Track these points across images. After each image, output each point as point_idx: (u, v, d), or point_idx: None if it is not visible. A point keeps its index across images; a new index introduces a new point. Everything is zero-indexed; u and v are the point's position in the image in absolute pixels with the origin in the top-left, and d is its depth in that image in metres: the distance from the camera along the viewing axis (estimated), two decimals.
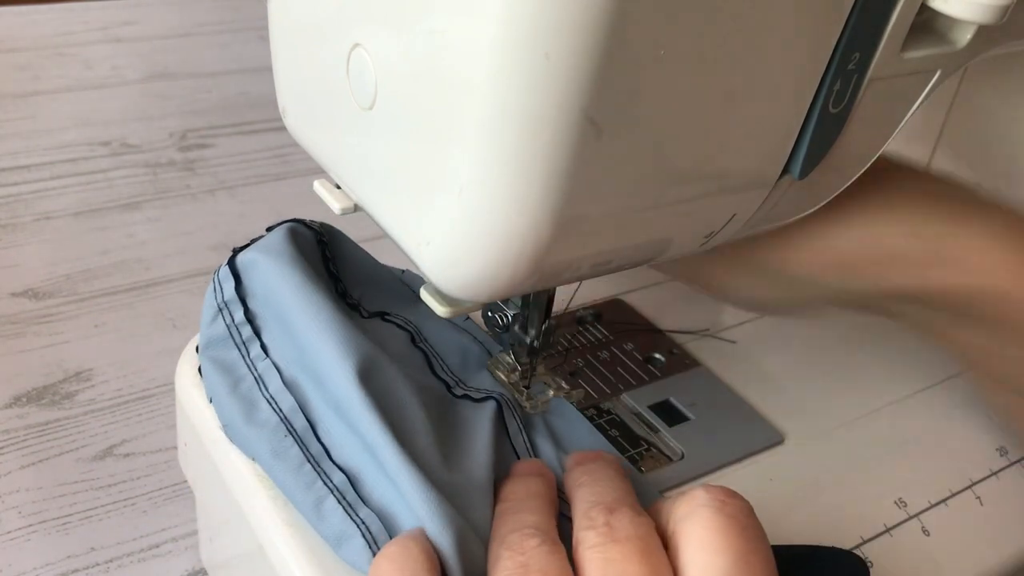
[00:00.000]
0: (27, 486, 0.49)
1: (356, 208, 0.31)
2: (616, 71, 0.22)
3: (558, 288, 0.36)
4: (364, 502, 0.30)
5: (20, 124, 0.80)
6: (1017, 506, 0.38)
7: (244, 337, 0.34)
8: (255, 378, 0.34)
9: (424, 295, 0.31)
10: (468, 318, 0.39)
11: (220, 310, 0.35)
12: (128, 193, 0.73)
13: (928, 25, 0.28)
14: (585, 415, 0.38)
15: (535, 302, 0.35)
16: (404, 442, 0.30)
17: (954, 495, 0.38)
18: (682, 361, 0.42)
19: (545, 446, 0.35)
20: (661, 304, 0.46)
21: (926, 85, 0.29)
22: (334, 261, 0.37)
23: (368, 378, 0.32)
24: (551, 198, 0.24)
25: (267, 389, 0.33)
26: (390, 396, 0.32)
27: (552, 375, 0.38)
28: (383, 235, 0.30)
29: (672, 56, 0.23)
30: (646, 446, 0.37)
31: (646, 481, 0.35)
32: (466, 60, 0.22)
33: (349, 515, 0.30)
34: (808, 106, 0.26)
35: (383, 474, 0.30)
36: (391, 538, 0.29)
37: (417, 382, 0.34)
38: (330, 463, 0.31)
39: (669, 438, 0.38)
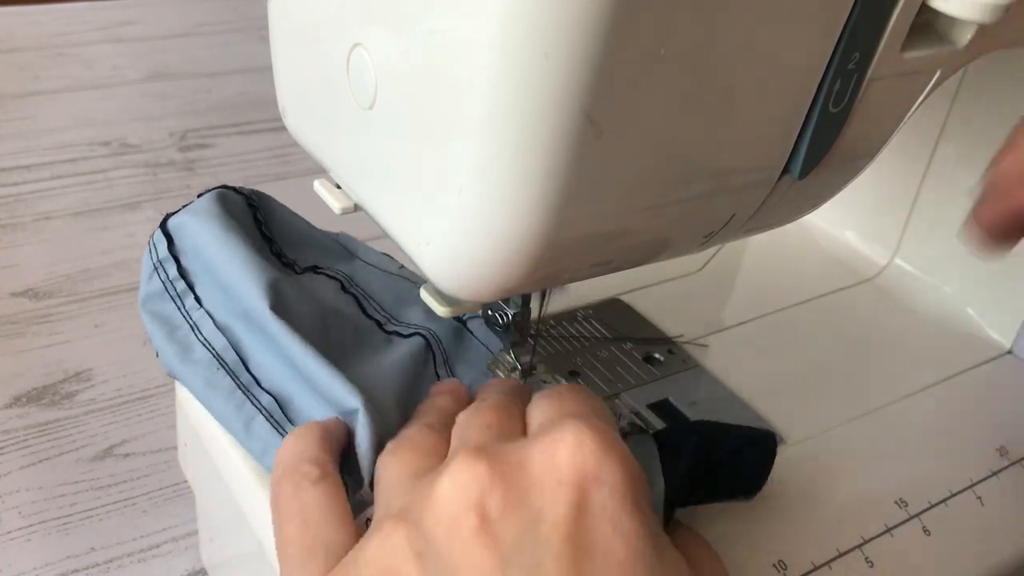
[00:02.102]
0: (27, 486, 0.49)
1: (356, 208, 0.31)
2: (616, 71, 0.22)
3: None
4: (291, 421, 0.33)
5: (20, 124, 0.80)
6: (1017, 506, 0.38)
7: (179, 290, 0.37)
8: (190, 326, 0.36)
9: (424, 295, 0.31)
10: (402, 266, 0.41)
11: (155, 268, 0.37)
12: (128, 193, 0.73)
13: (928, 25, 0.28)
14: None
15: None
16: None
17: (954, 495, 0.38)
18: (681, 361, 0.42)
19: (469, 373, 0.37)
20: (661, 304, 0.46)
21: (926, 85, 0.29)
22: (267, 224, 0.39)
23: (278, 300, 0.35)
24: (551, 198, 0.24)
25: (201, 333, 0.36)
26: (306, 316, 0.35)
27: (552, 374, 0.38)
28: (383, 235, 0.30)
29: (672, 56, 0.23)
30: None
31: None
32: (466, 60, 0.22)
33: (276, 430, 0.33)
34: (808, 106, 0.26)
35: (313, 397, 0.33)
36: None
37: (329, 306, 0.37)
38: (259, 389, 0.34)
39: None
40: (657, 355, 0.42)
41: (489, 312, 0.36)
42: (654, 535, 0.24)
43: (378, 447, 0.31)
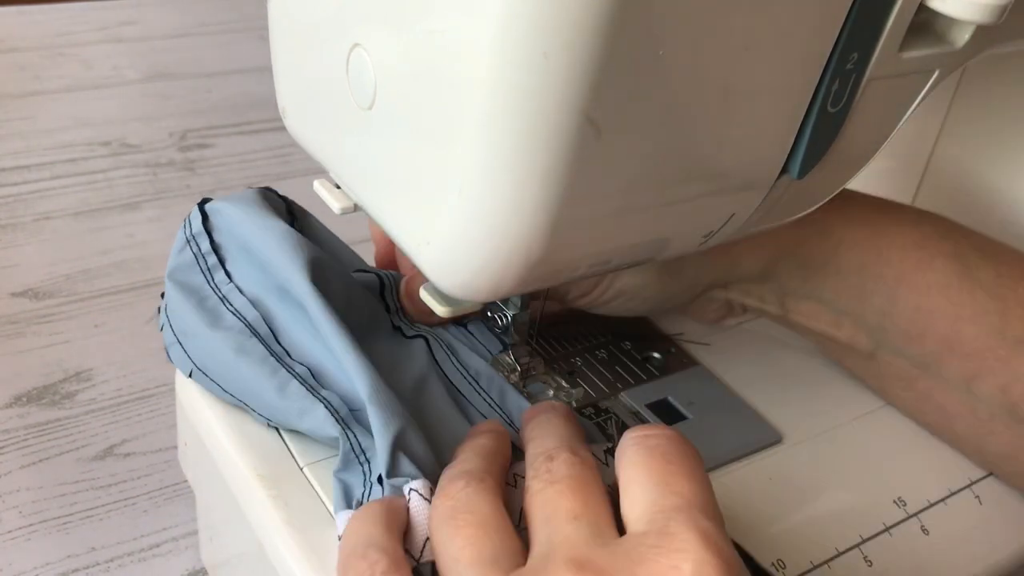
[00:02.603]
0: (27, 486, 0.49)
1: (356, 208, 0.31)
2: (615, 71, 0.22)
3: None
4: (324, 387, 0.33)
5: (20, 124, 0.80)
6: (1016, 506, 0.38)
7: (209, 264, 0.37)
8: (220, 298, 0.36)
9: (424, 295, 0.31)
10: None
11: (188, 241, 0.37)
12: (128, 193, 0.73)
13: (926, 25, 0.28)
14: (584, 414, 0.38)
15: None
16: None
17: (953, 494, 0.38)
18: (680, 360, 0.42)
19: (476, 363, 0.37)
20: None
21: (924, 85, 0.29)
22: (303, 231, 0.39)
23: (316, 273, 0.34)
24: (550, 198, 0.24)
25: (232, 305, 0.36)
26: (337, 295, 0.35)
27: (551, 374, 0.38)
28: None
29: (671, 56, 0.23)
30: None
31: None
32: (466, 60, 0.22)
33: (312, 393, 0.33)
34: (806, 106, 0.27)
35: (343, 374, 0.33)
36: (351, 412, 0.32)
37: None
38: (291, 360, 0.34)
39: None
40: (657, 355, 0.42)
41: (489, 313, 0.37)
42: None
43: (394, 442, 0.30)
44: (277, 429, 0.35)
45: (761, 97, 0.25)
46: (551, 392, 0.37)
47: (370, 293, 0.38)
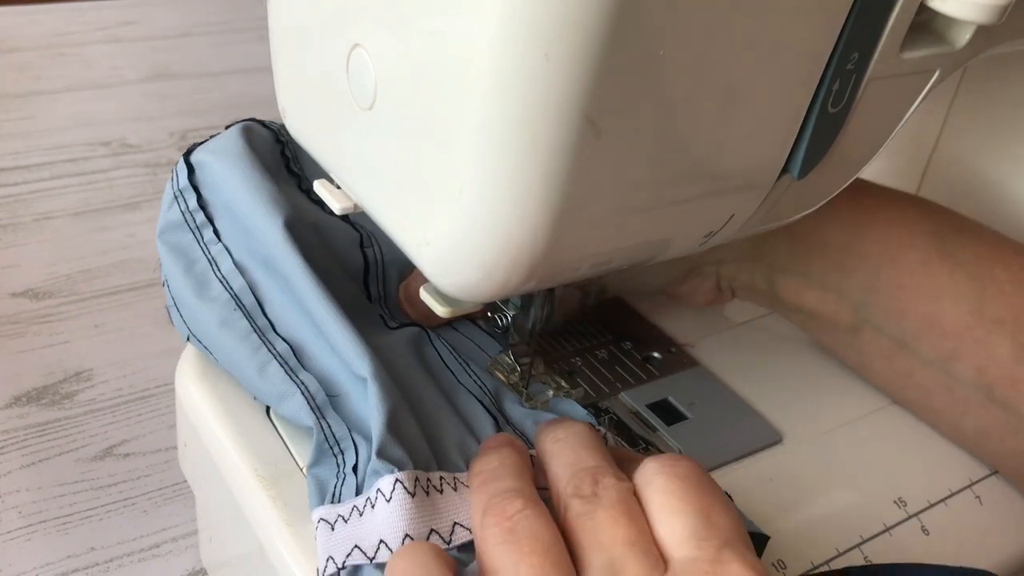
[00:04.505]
0: (27, 486, 0.49)
1: (356, 208, 0.31)
2: (615, 71, 0.22)
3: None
4: (305, 368, 0.33)
5: (20, 124, 0.80)
6: (1017, 506, 0.38)
7: (198, 222, 0.36)
8: (208, 260, 0.36)
9: (424, 295, 0.31)
10: None
11: (176, 197, 0.37)
12: (128, 193, 0.73)
13: (927, 25, 0.28)
14: (587, 411, 0.38)
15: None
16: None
17: (954, 495, 0.38)
18: (680, 360, 0.42)
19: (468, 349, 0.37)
20: (661, 304, 0.46)
21: (925, 85, 0.29)
22: (296, 160, 0.38)
23: (298, 234, 0.34)
24: (551, 198, 0.24)
25: (219, 270, 0.35)
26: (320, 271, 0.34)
27: (551, 375, 0.38)
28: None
29: (671, 56, 0.23)
30: (644, 445, 0.37)
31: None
32: (465, 60, 0.22)
33: (290, 377, 0.33)
34: (807, 106, 0.27)
35: (326, 345, 0.33)
36: (328, 399, 0.32)
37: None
38: (275, 335, 0.34)
39: (667, 437, 0.38)
40: (657, 355, 0.42)
41: (489, 313, 0.36)
42: None
43: (390, 421, 0.30)
44: (277, 429, 0.35)
45: (761, 97, 0.25)
46: (551, 392, 0.37)
47: (352, 280, 0.37)
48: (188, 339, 0.36)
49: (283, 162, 0.38)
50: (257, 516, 0.33)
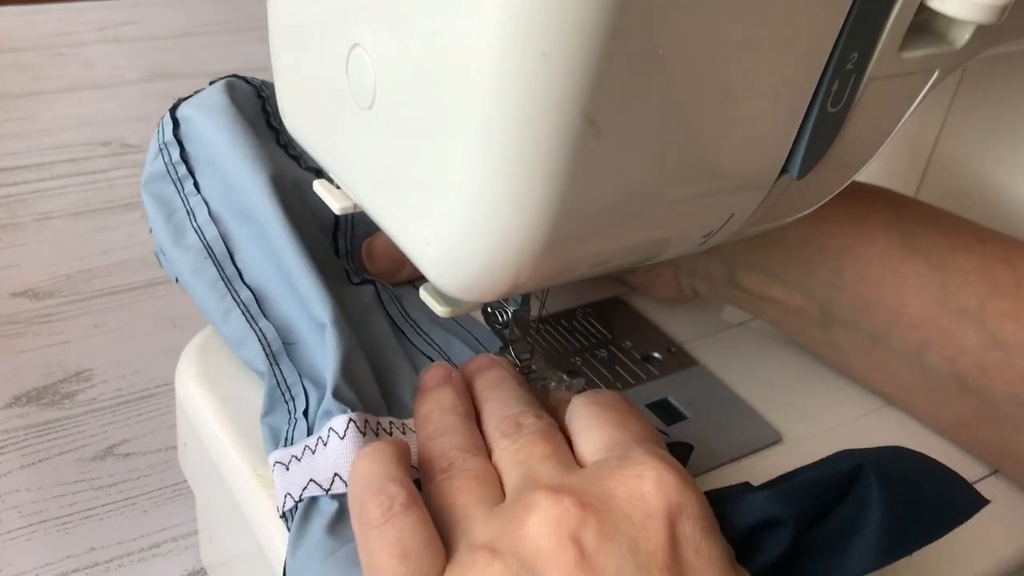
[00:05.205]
0: (27, 486, 0.49)
1: (356, 208, 0.31)
2: (614, 71, 0.22)
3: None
4: (265, 316, 0.36)
5: (20, 124, 0.80)
6: (1017, 506, 0.38)
7: (180, 174, 0.39)
8: (187, 210, 0.38)
9: (424, 295, 0.31)
10: None
11: (160, 149, 0.39)
12: (128, 193, 0.73)
13: (926, 25, 0.28)
14: None
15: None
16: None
17: None
18: (680, 360, 0.42)
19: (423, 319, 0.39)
20: (661, 304, 0.46)
21: (924, 85, 0.29)
22: (275, 115, 0.40)
23: (276, 193, 0.37)
24: (550, 198, 0.24)
25: (196, 220, 0.38)
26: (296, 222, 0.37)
27: (552, 369, 0.38)
28: None
29: (670, 56, 0.23)
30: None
31: None
32: (465, 60, 0.22)
33: (250, 324, 0.35)
34: (806, 106, 0.27)
35: (290, 293, 0.36)
36: (284, 346, 0.35)
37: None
38: (241, 283, 0.36)
39: (667, 437, 0.38)
40: (656, 354, 0.42)
41: (489, 309, 0.36)
42: (730, 557, 0.26)
43: (344, 365, 0.33)
44: None
45: (761, 97, 0.25)
46: (552, 384, 0.37)
47: (323, 234, 0.39)
48: (177, 280, 0.38)
49: (263, 117, 0.40)
50: (257, 516, 0.33)
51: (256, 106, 0.40)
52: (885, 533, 0.27)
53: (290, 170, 0.39)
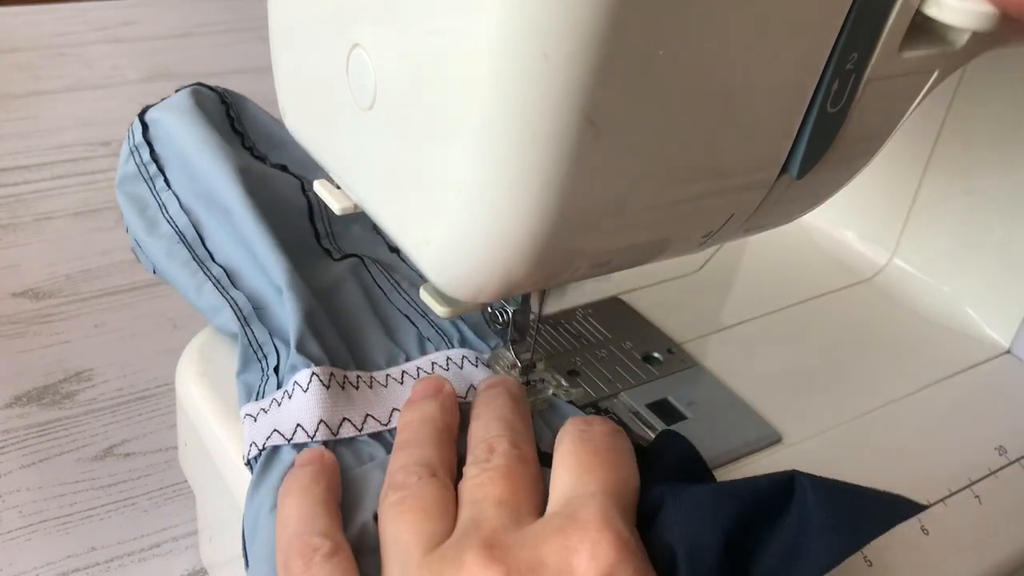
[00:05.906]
0: (27, 486, 0.49)
1: (356, 208, 0.31)
2: (614, 71, 0.22)
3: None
4: (236, 287, 0.38)
5: (20, 124, 0.80)
6: (1016, 506, 0.38)
7: (151, 173, 0.41)
8: (159, 204, 0.40)
9: (423, 295, 0.31)
10: None
11: (131, 152, 0.42)
12: None
13: (926, 25, 0.28)
14: (584, 414, 0.38)
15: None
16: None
17: (953, 494, 0.38)
18: (680, 360, 0.42)
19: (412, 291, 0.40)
20: (660, 304, 0.46)
21: (924, 85, 0.29)
22: (239, 120, 0.43)
23: (242, 180, 0.39)
24: (550, 198, 0.24)
25: (167, 212, 0.40)
26: (263, 206, 0.39)
27: (552, 373, 0.38)
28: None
29: (670, 56, 0.23)
30: (644, 445, 0.37)
31: None
32: (465, 60, 0.22)
33: (222, 294, 0.37)
34: (806, 106, 0.27)
35: (258, 269, 0.38)
36: (254, 311, 0.37)
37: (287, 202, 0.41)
38: (212, 262, 0.39)
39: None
40: (656, 354, 0.42)
41: (488, 309, 0.36)
42: None
43: (307, 322, 0.35)
44: None
45: (760, 97, 0.25)
46: (551, 390, 0.37)
47: (298, 216, 0.41)
48: (155, 271, 0.40)
49: (228, 121, 0.42)
50: None
51: (221, 111, 0.42)
52: (831, 530, 0.26)
53: (255, 166, 0.40)
